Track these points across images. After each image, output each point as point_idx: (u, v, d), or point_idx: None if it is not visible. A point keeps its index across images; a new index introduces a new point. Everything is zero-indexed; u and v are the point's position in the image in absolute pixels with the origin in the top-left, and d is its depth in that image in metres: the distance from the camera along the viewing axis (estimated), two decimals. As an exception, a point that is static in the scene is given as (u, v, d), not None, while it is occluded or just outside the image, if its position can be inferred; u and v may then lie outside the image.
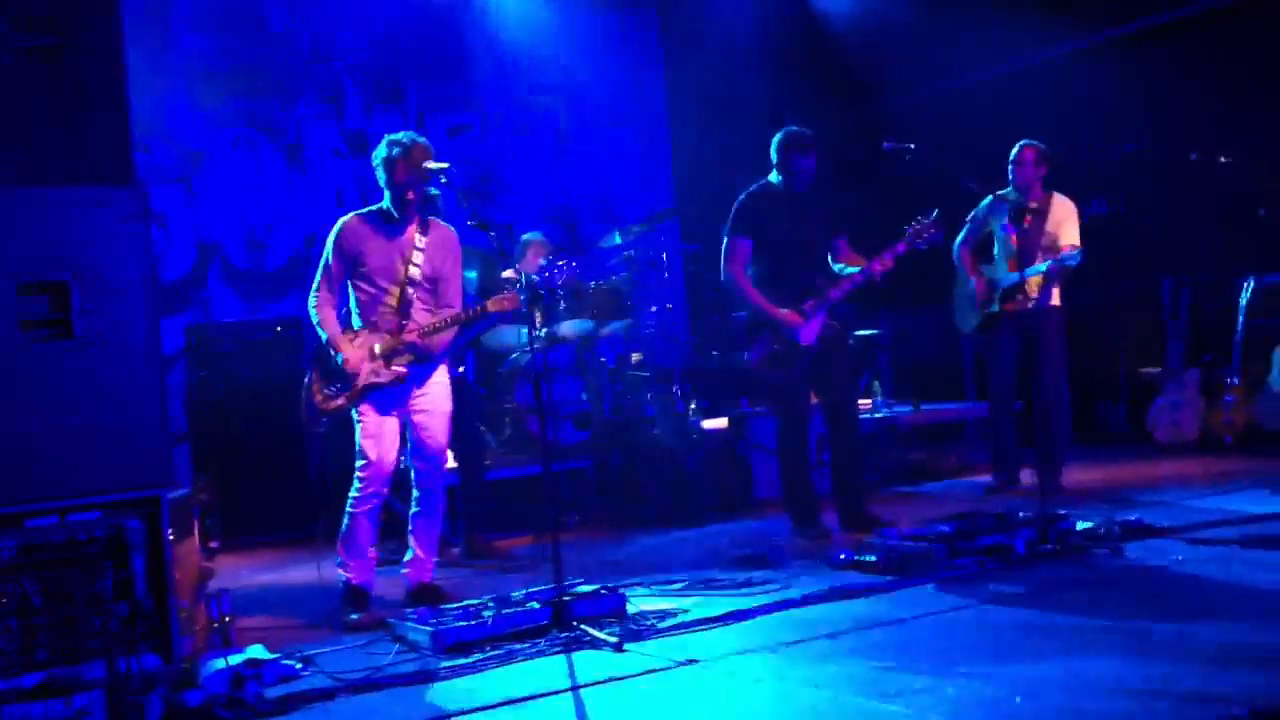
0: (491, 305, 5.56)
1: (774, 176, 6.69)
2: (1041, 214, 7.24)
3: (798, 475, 6.71)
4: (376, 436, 5.42)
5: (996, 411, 7.69)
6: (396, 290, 5.48)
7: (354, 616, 5.20)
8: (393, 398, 5.46)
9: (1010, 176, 7.37)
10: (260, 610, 5.54)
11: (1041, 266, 7.09)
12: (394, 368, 5.40)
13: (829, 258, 6.70)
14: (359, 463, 5.43)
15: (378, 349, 5.41)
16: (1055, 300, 7.29)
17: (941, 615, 4.52)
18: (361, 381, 5.39)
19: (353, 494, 5.43)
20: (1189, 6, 9.33)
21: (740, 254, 6.63)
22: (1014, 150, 7.38)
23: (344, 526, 5.46)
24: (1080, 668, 3.63)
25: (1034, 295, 7.25)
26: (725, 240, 6.70)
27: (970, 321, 7.65)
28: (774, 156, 6.66)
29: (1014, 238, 7.21)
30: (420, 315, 5.50)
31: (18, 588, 3.75)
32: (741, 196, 6.73)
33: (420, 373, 5.50)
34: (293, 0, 9.95)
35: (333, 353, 5.43)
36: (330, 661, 4.42)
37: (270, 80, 9.87)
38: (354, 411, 5.43)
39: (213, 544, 4.81)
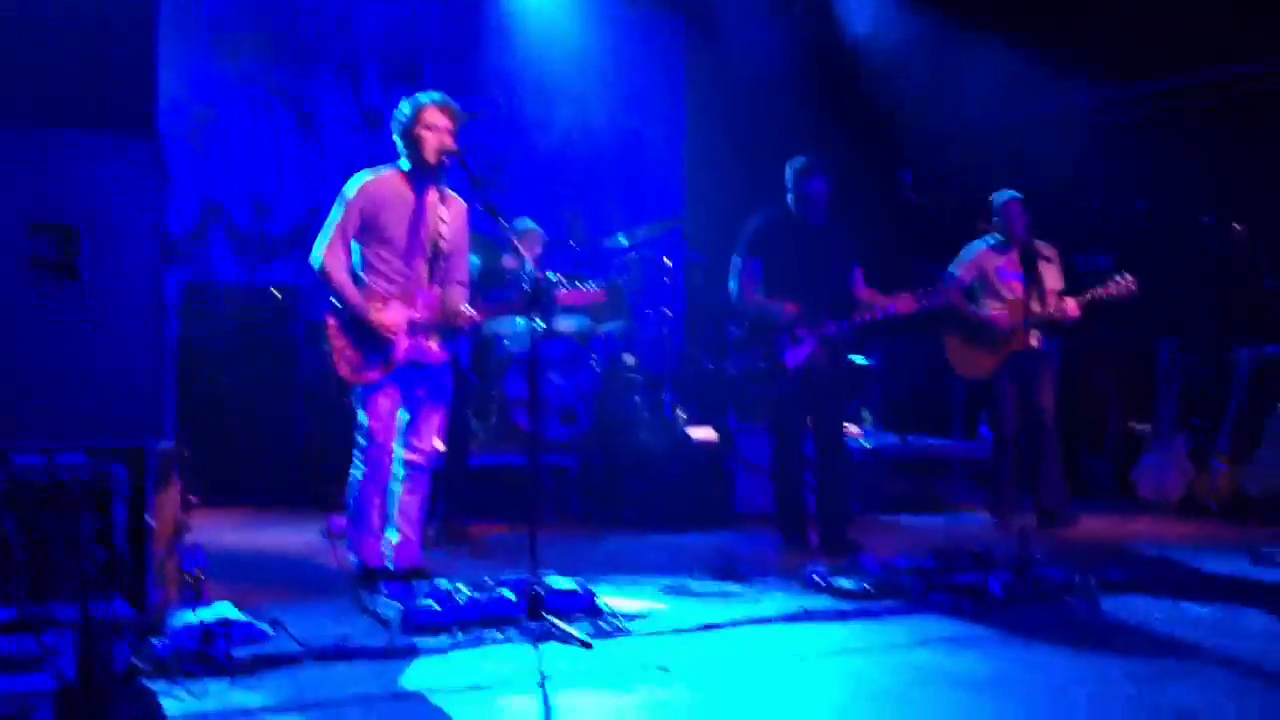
0: (569, 297, 5.50)
1: (788, 203, 6.73)
2: (1032, 260, 7.33)
3: (789, 493, 6.78)
4: (387, 417, 5.26)
5: (1006, 451, 7.63)
6: (423, 260, 5.31)
7: (366, 594, 4.98)
8: (411, 377, 5.31)
9: (998, 223, 7.52)
10: (232, 569, 5.51)
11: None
12: (437, 347, 5.28)
13: (842, 288, 6.71)
14: (362, 442, 5.28)
15: (420, 322, 5.25)
16: (1053, 344, 7.49)
17: (910, 650, 4.51)
18: (402, 356, 5.24)
19: (355, 474, 5.30)
20: (1213, 71, 9.37)
21: (752, 274, 6.69)
22: (1003, 201, 7.51)
23: (350, 507, 5.35)
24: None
25: (1038, 338, 7.36)
26: (738, 260, 6.75)
27: (980, 368, 7.63)
28: (788, 183, 6.72)
29: (1012, 282, 7.30)
30: (435, 289, 5.35)
31: (-2, 523, 3.74)
32: (755, 220, 6.80)
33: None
34: (320, -31, 9.96)
35: (363, 318, 5.20)
36: (298, 627, 4.40)
37: (290, 47, 9.86)
38: (361, 387, 5.25)
39: (193, 499, 4.79)
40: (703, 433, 8.25)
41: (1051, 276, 7.43)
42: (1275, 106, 8.91)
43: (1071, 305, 7.30)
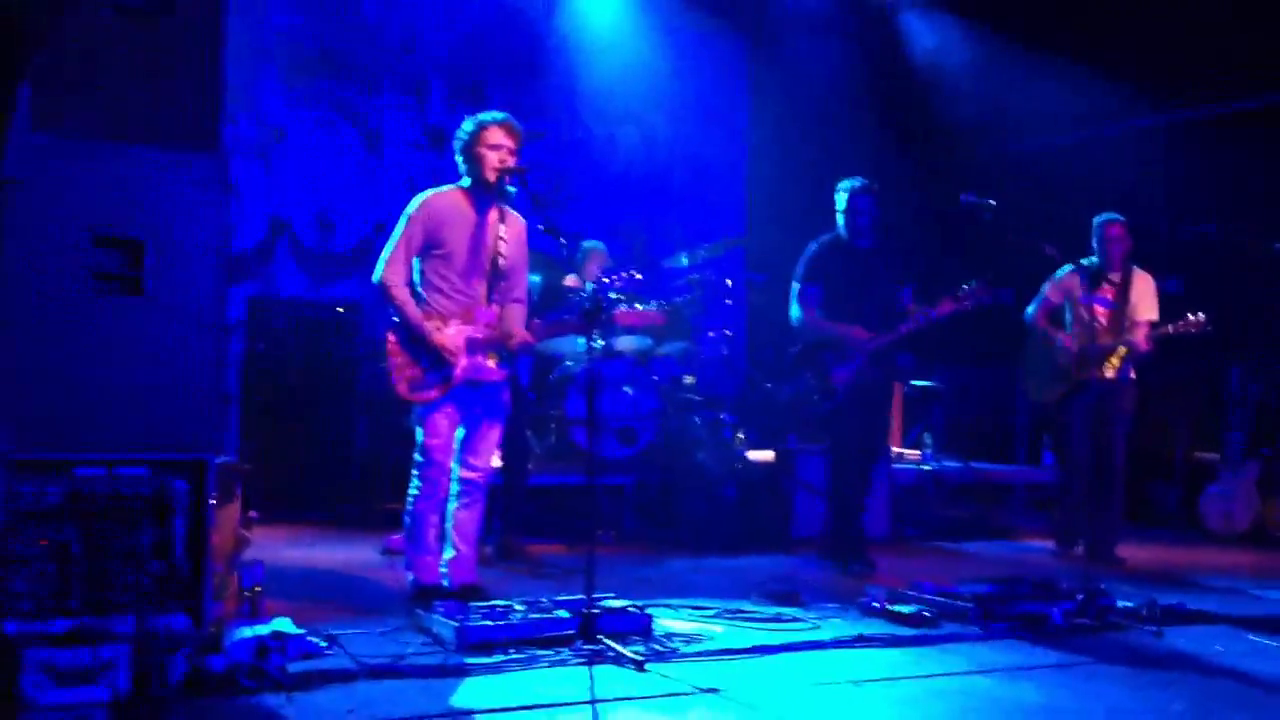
0: (626, 317, 5.50)
1: (840, 227, 6.86)
2: (1125, 287, 7.24)
3: (843, 512, 6.84)
4: (445, 435, 5.27)
5: (1074, 480, 7.43)
6: (482, 278, 5.33)
7: (422, 612, 4.85)
8: (469, 396, 5.31)
9: (1095, 247, 7.38)
10: (291, 585, 5.54)
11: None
12: (497, 366, 5.28)
13: (892, 308, 6.75)
14: (420, 460, 5.29)
15: (479, 341, 5.26)
16: (1132, 374, 7.33)
17: (966, 678, 4.45)
18: (462, 375, 5.25)
19: (413, 492, 5.32)
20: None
21: (813, 299, 6.83)
22: (1099, 222, 7.37)
23: (407, 525, 5.36)
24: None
25: (1117, 367, 7.27)
26: (798, 286, 6.89)
27: (1053, 390, 7.47)
28: (838, 206, 6.85)
29: (1097, 308, 7.17)
30: (494, 308, 5.35)
31: (59, 534, 3.79)
32: (812, 246, 6.94)
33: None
34: (386, -10, 10.08)
35: (423, 337, 5.21)
36: (354, 644, 4.42)
37: (357, 67, 9.98)
38: (420, 406, 5.27)
39: (252, 514, 4.82)
40: (762, 455, 8.21)
41: (1145, 306, 7.33)
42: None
43: (1141, 337, 7.19)
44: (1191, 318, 6.99)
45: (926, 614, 5.22)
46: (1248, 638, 5.21)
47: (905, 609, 5.29)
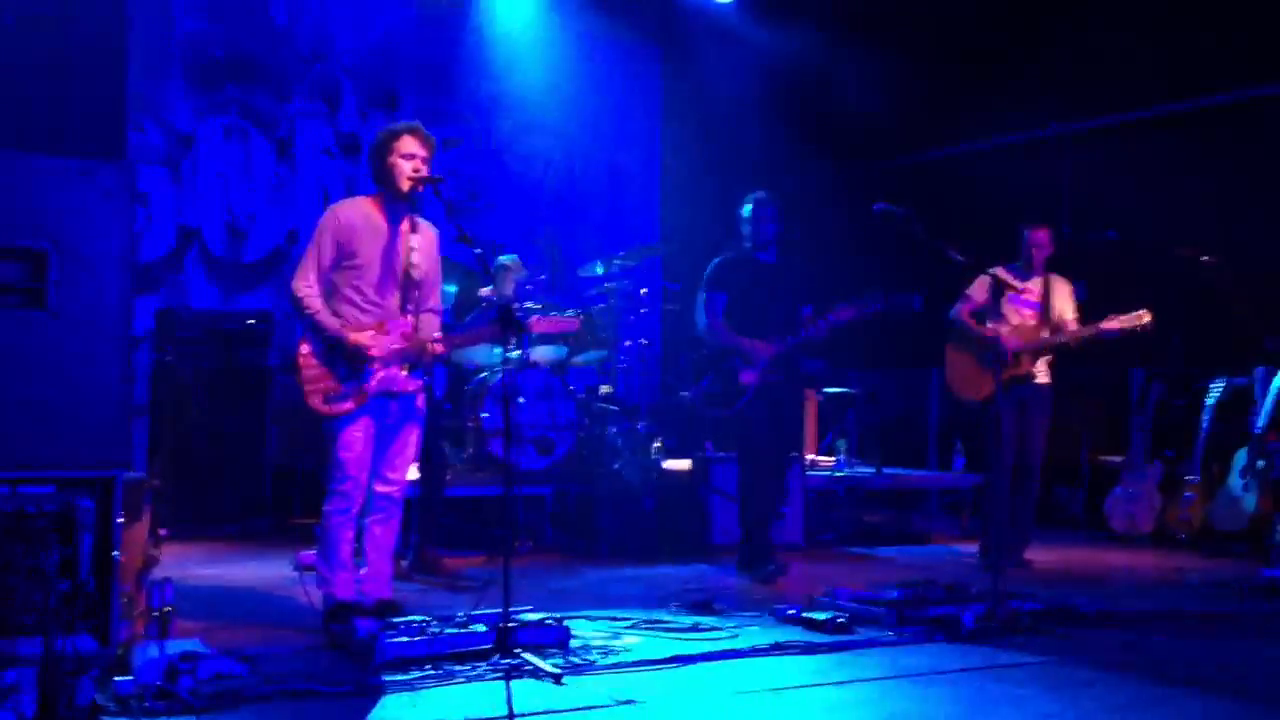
0: (542, 324, 5.45)
1: (746, 237, 7.03)
2: (1047, 291, 7.36)
3: (756, 519, 6.91)
4: (360, 449, 5.17)
5: (1000, 480, 7.30)
6: (395, 289, 5.25)
7: (337, 629, 4.87)
8: (384, 408, 5.23)
9: (1022, 252, 7.50)
10: (200, 603, 5.45)
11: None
12: (413, 376, 5.22)
13: (794, 319, 6.88)
14: (335, 473, 5.17)
15: (395, 351, 5.17)
16: (1049, 378, 7.42)
17: (885, 683, 4.49)
18: (377, 386, 5.17)
19: (327, 506, 5.21)
20: (1184, 102, 9.46)
21: (718, 306, 6.99)
22: (1026, 227, 7.51)
23: (321, 540, 5.26)
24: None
25: (1039, 369, 7.36)
26: (703, 295, 7.05)
27: (980, 389, 7.33)
28: (743, 216, 7.02)
29: (1024, 310, 7.31)
30: (408, 318, 5.27)
31: (-40, 554, 3.69)
32: (716, 260, 7.12)
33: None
34: (296, -4, 9.98)
35: (343, 345, 5.11)
36: (267, 664, 4.35)
37: (267, 73, 9.86)
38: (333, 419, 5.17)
39: (162, 531, 4.73)
40: (679, 464, 8.23)
41: (1067, 309, 7.46)
42: (1248, 138, 9.00)
43: (1071, 328, 7.28)
44: (1134, 314, 6.96)
45: (841, 620, 5.27)
46: (1153, 638, 5.32)
47: (821, 615, 5.34)
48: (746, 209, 6.99)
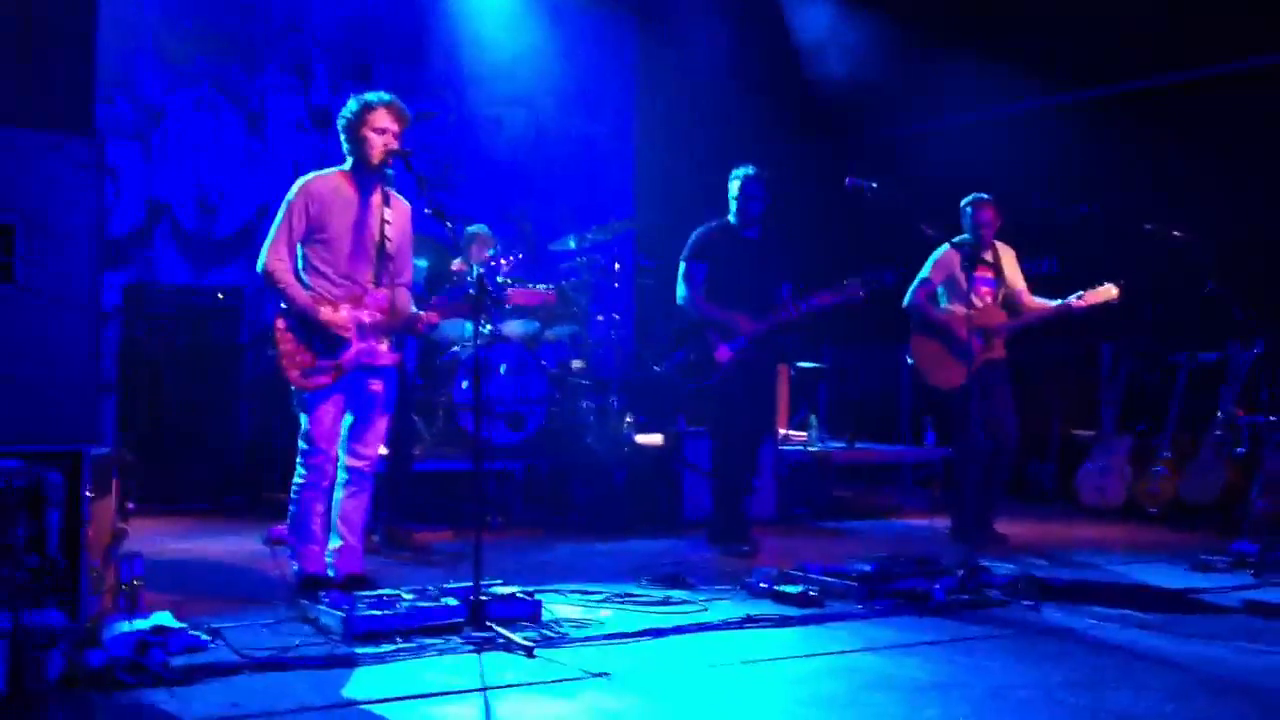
0: (517, 296, 5.42)
1: (732, 213, 6.97)
2: (998, 264, 7.33)
3: (728, 494, 6.91)
4: (331, 423, 5.17)
5: (975, 462, 7.24)
6: (367, 263, 5.23)
7: (308, 603, 4.82)
8: (359, 382, 5.22)
9: (968, 226, 7.35)
10: (171, 577, 5.43)
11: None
12: (387, 349, 5.21)
13: (775, 296, 6.88)
14: (305, 448, 5.18)
15: (370, 325, 5.16)
16: (1004, 350, 7.37)
17: (856, 655, 4.53)
18: (354, 359, 5.16)
19: (298, 481, 5.21)
20: (1157, 78, 9.51)
21: (698, 277, 6.91)
22: (970, 202, 7.34)
23: (292, 514, 5.26)
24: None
25: (997, 345, 7.28)
26: (683, 265, 6.97)
27: (952, 378, 7.19)
28: (730, 192, 6.97)
29: (982, 289, 7.23)
30: (383, 291, 5.26)
31: (-73, 528, 3.66)
32: (699, 230, 7.02)
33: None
34: (268, -34, 9.88)
35: (314, 321, 5.10)
36: (238, 637, 4.35)
37: (239, 45, 9.76)
38: (308, 392, 5.15)
39: (130, 505, 4.71)
40: (651, 438, 8.25)
41: (1016, 278, 7.44)
42: (1218, 115, 9.05)
43: (1035, 306, 7.28)
44: (1101, 289, 6.96)
45: (812, 593, 5.30)
46: (1122, 611, 5.37)
47: (792, 589, 5.37)
48: (734, 184, 6.93)
